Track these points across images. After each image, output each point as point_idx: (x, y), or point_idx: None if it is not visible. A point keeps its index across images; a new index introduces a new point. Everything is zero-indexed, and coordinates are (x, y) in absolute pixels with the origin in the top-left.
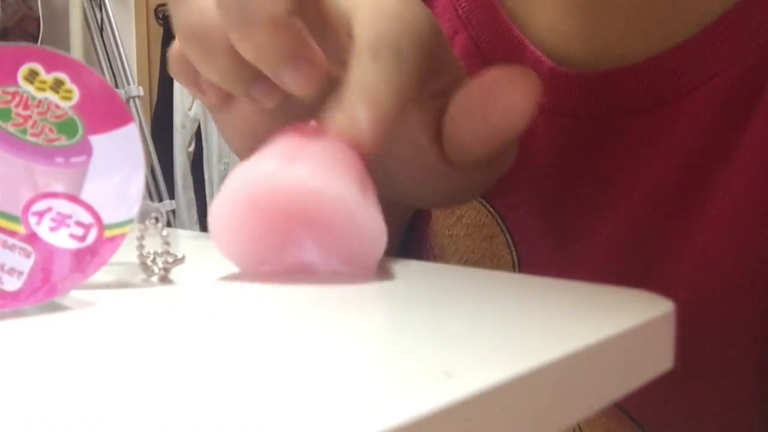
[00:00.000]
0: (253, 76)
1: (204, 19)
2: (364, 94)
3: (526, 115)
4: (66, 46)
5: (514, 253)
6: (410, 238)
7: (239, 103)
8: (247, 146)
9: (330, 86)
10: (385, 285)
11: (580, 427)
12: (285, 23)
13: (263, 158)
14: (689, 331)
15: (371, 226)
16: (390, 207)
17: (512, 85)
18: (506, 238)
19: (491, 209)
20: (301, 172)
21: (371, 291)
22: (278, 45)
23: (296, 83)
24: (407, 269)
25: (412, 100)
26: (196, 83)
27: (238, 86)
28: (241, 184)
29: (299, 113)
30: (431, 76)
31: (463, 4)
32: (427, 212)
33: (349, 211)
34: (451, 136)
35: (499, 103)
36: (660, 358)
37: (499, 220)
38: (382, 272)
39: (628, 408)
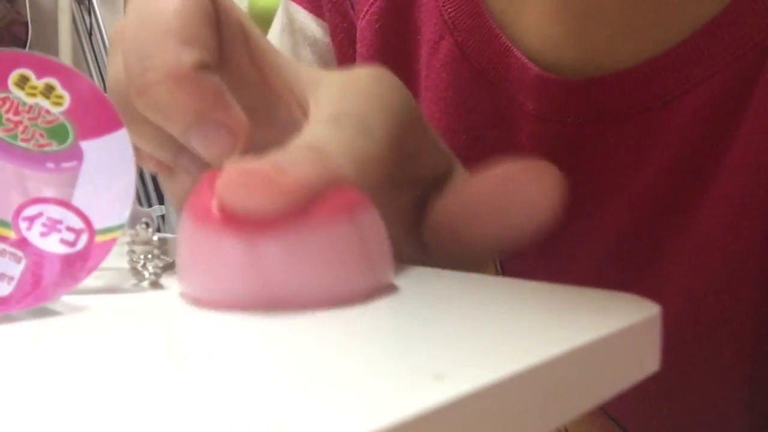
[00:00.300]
0: (179, 144)
1: (119, 81)
2: (310, 152)
3: (550, 212)
4: (54, 50)
5: (497, 263)
6: None
7: (178, 173)
8: None
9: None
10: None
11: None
12: (191, 79)
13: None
14: (680, 337)
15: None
16: None
17: (534, 183)
18: None
19: None
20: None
21: None
22: (182, 104)
23: (208, 151)
24: (397, 273)
25: (381, 187)
26: (136, 152)
27: (165, 154)
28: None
29: None
30: (407, 162)
31: (449, 9)
32: None
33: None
34: (450, 234)
35: (518, 202)
36: (646, 361)
37: None
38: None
39: (617, 416)
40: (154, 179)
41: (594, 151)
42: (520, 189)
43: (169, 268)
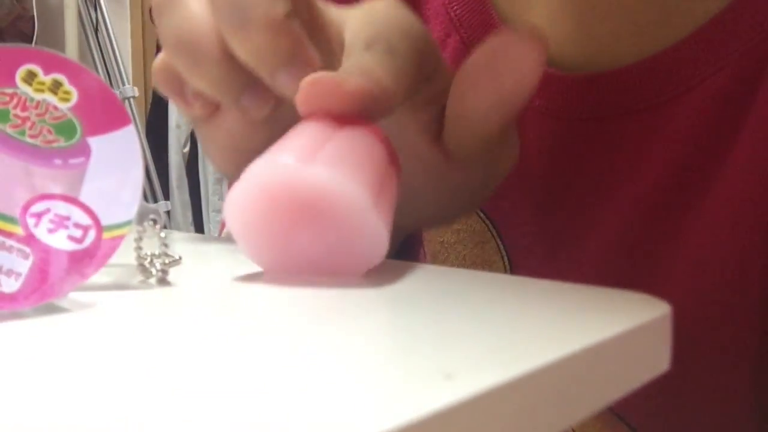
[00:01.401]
0: (244, 85)
1: (192, 26)
2: (362, 73)
3: (536, 74)
4: (60, 46)
5: (505, 258)
6: (405, 243)
7: (224, 115)
8: (229, 162)
9: None
10: (383, 288)
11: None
12: (283, 25)
13: (284, 151)
14: (684, 336)
15: (375, 236)
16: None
17: (519, 46)
18: (498, 244)
19: (482, 215)
20: (318, 172)
21: (369, 294)
22: (276, 47)
23: (294, 87)
24: (405, 272)
25: (405, 103)
26: (181, 94)
27: (229, 95)
28: (257, 178)
29: (284, 126)
30: (424, 82)
31: (455, 7)
32: None
33: (356, 219)
34: (459, 112)
35: (507, 65)
36: (657, 360)
37: (490, 226)
38: (380, 275)
39: (623, 414)
40: (159, 175)
41: (598, 147)
42: (506, 53)
43: (176, 264)
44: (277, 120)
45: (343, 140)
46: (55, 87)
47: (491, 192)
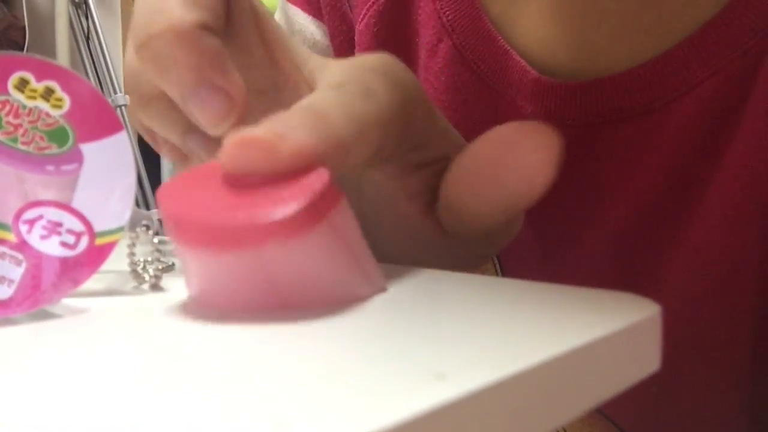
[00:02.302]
0: (187, 125)
1: (136, 63)
2: (308, 114)
3: (548, 176)
4: (52, 54)
5: (497, 265)
6: None
7: (192, 159)
8: None
9: None
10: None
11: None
12: (191, 37)
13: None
14: (678, 340)
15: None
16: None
17: (529, 145)
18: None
19: None
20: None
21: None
22: (181, 61)
23: (204, 114)
24: (398, 274)
25: (391, 167)
26: (152, 137)
27: (173, 133)
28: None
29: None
30: (417, 144)
31: (447, 12)
32: None
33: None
34: (454, 202)
35: (515, 164)
36: (647, 360)
37: None
38: None
39: (615, 418)
40: (151, 182)
41: (593, 153)
42: (514, 153)
43: (169, 270)
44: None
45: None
46: (48, 94)
47: (488, 259)
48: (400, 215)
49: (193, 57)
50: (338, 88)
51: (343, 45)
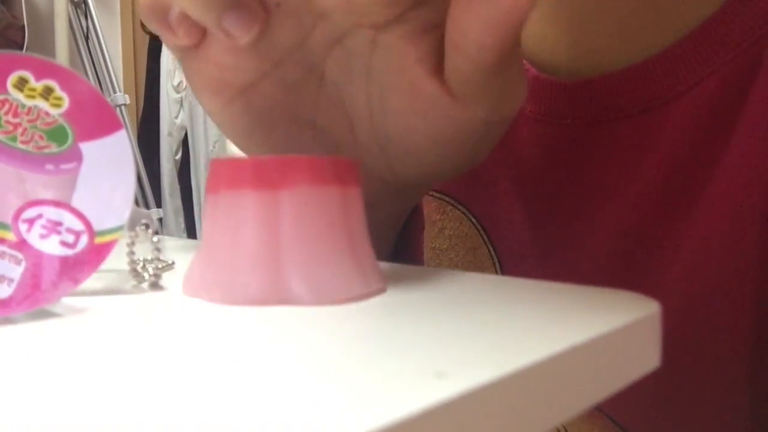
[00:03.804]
0: (226, 4)
1: None
2: None
3: None
4: (51, 54)
5: (497, 264)
6: (405, 244)
7: (210, 45)
8: (216, 96)
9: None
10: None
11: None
12: None
13: (245, 272)
14: (679, 338)
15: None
16: (385, 202)
17: None
18: (489, 250)
19: (473, 220)
20: (296, 291)
21: None
22: None
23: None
24: (398, 272)
25: (400, 31)
26: (165, 23)
27: (209, 15)
28: (225, 299)
29: (273, 57)
30: (422, 4)
31: None
32: (421, 219)
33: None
34: (454, 39)
35: None
36: (647, 358)
37: (482, 231)
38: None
39: (616, 417)
40: (151, 182)
41: (591, 152)
42: None
43: (169, 269)
44: (265, 51)
45: (301, 235)
46: (47, 93)
47: (498, 137)
48: (410, 80)
49: None
50: None
51: None
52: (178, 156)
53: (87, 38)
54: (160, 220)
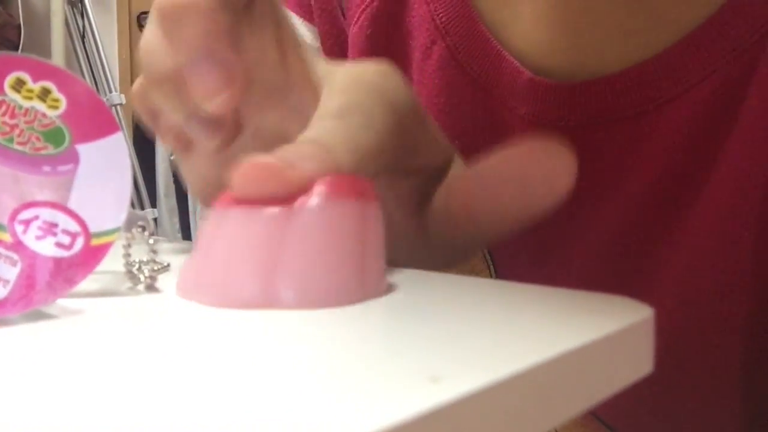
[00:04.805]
0: (193, 107)
1: (154, 37)
2: (315, 147)
3: (569, 183)
4: (47, 53)
5: (491, 267)
6: None
7: (194, 152)
8: (201, 193)
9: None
10: None
11: None
12: (208, 6)
13: (240, 274)
14: (672, 341)
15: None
16: None
17: (552, 161)
18: (483, 253)
19: None
20: (286, 297)
21: None
22: (192, 25)
23: (203, 84)
24: (392, 276)
25: (378, 176)
26: (156, 124)
27: (178, 114)
28: (218, 302)
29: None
30: (408, 154)
31: (441, 15)
32: None
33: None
34: (465, 214)
35: (539, 180)
36: (640, 363)
37: None
38: None
39: (608, 420)
40: (146, 182)
41: (587, 154)
42: (539, 165)
43: (165, 271)
44: (241, 159)
45: (300, 238)
46: (44, 94)
47: (478, 252)
48: (386, 217)
49: (204, 24)
50: (340, 117)
51: (333, 48)
52: (174, 156)
53: (83, 37)
54: (155, 220)
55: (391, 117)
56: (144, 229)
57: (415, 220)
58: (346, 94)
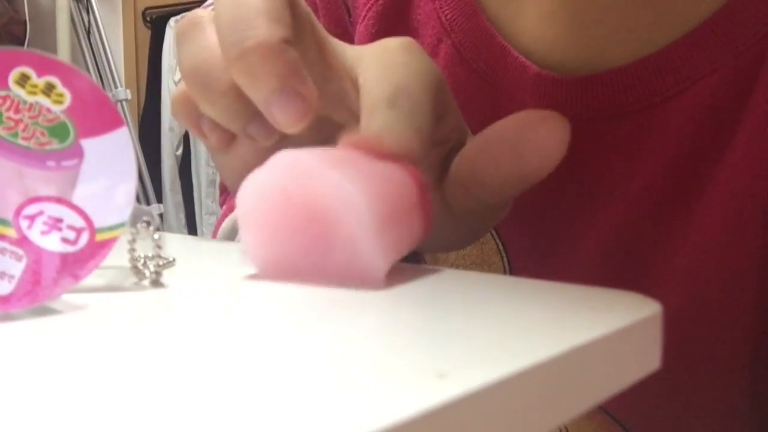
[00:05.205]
0: (252, 114)
1: (207, 55)
2: (393, 136)
3: (559, 154)
4: (53, 49)
5: (504, 259)
6: None
7: (238, 145)
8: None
9: (331, 131)
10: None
11: (567, 429)
12: (278, 51)
13: (311, 152)
14: (679, 337)
15: (370, 265)
16: None
17: (545, 126)
18: (497, 244)
19: None
20: (334, 180)
21: (363, 293)
22: (270, 71)
23: (285, 116)
24: (400, 272)
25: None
26: (197, 125)
27: (236, 123)
28: (277, 170)
29: None
30: (439, 123)
31: (447, 12)
32: None
33: (356, 242)
34: (473, 174)
35: (532, 143)
36: (648, 359)
37: None
38: None
39: (617, 414)
40: (152, 177)
41: (593, 148)
42: (532, 131)
43: (170, 266)
44: (290, 147)
45: (372, 167)
46: (49, 89)
47: (490, 228)
48: None
49: (281, 66)
50: (393, 108)
51: None
52: (179, 151)
53: (89, 33)
54: (161, 215)
55: (430, 94)
56: (149, 223)
57: (438, 192)
58: (386, 82)
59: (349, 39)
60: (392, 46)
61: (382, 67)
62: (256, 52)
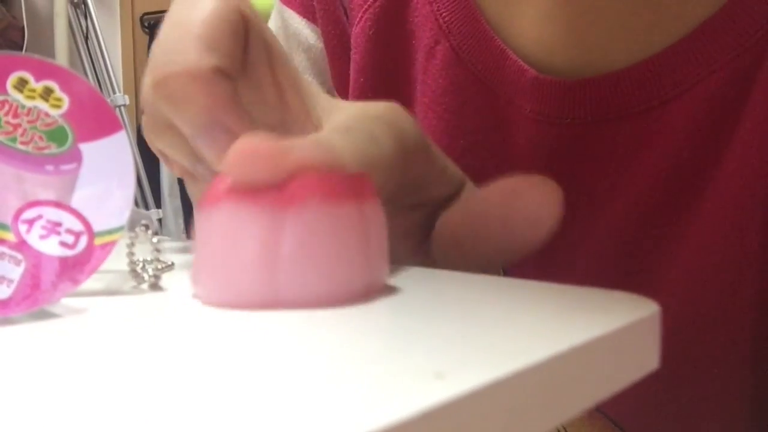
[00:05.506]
0: (199, 154)
1: (149, 100)
2: (315, 143)
3: (552, 223)
4: (51, 54)
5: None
6: None
7: (204, 178)
8: None
9: None
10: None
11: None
12: (205, 80)
13: (239, 268)
14: (678, 338)
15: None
16: None
17: (536, 191)
18: None
19: None
20: (289, 291)
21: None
22: (193, 100)
23: (211, 152)
24: (397, 273)
25: (388, 207)
26: (164, 158)
27: (185, 161)
28: (219, 295)
29: None
30: (414, 189)
31: (444, 14)
32: None
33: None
34: (459, 243)
35: (523, 210)
36: (646, 359)
37: None
38: None
39: (615, 417)
40: (151, 183)
41: (592, 152)
42: (522, 200)
43: (169, 269)
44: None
45: (299, 235)
46: (47, 94)
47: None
48: (391, 249)
49: (206, 98)
50: (345, 132)
51: (336, 49)
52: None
53: (86, 39)
54: (160, 220)
55: (397, 141)
56: (147, 227)
57: (419, 254)
58: (353, 119)
59: (347, 40)
60: (378, 104)
61: (352, 115)
62: (178, 79)
